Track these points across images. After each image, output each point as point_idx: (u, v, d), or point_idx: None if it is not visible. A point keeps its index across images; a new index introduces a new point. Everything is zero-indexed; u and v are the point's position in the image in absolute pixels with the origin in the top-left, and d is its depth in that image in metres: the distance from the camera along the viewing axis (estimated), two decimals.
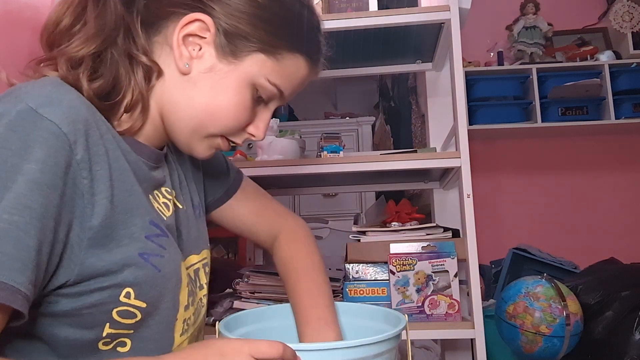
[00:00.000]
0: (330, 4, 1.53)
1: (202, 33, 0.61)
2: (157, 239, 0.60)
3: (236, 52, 0.62)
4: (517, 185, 2.76)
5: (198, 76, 0.62)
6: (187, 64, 0.61)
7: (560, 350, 1.47)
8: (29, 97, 0.50)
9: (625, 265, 1.88)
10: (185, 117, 0.63)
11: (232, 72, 0.62)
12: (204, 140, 0.66)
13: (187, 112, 0.63)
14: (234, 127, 0.65)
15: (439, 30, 1.44)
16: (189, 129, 0.64)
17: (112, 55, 0.60)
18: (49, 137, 0.49)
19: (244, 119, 0.65)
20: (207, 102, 0.62)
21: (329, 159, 1.35)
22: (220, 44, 0.61)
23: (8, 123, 0.48)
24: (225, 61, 0.62)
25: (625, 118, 2.47)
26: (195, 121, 0.63)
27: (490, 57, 2.71)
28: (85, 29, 0.59)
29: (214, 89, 0.62)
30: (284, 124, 2.98)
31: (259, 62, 0.62)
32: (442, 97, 1.71)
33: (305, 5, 0.66)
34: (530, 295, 1.51)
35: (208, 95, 0.62)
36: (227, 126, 0.64)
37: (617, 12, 2.63)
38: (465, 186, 1.27)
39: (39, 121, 0.49)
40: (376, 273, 1.32)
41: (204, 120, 0.63)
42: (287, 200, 3.05)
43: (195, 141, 0.65)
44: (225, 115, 0.63)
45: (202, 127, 0.64)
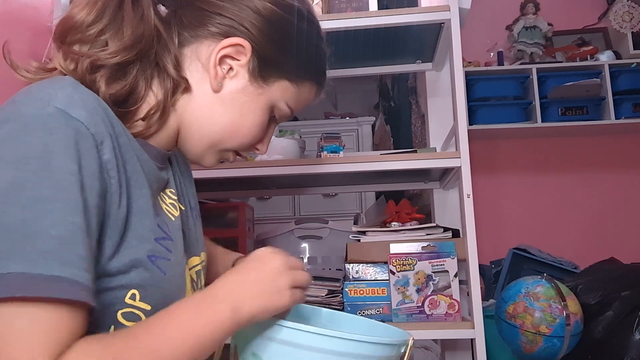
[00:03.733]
0: (330, 4, 1.53)
1: (238, 56, 0.64)
2: (164, 242, 0.61)
3: (267, 78, 0.65)
4: (517, 185, 2.76)
5: (228, 95, 0.65)
6: (220, 83, 0.64)
7: (560, 350, 1.47)
8: (56, 100, 0.50)
9: (625, 265, 1.88)
10: (208, 132, 0.66)
11: (261, 95, 0.66)
12: (217, 154, 0.69)
13: (210, 127, 0.65)
14: (249, 144, 0.69)
15: (439, 30, 1.44)
16: (208, 143, 0.67)
17: (138, 65, 0.61)
18: (81, 139, 0.50)
19: (260, 137, 0.69)
20: (233, 120, 0.65)
21: (329, 159, 1.35)
22: (253, 68, 0.64)
23: (42, 125, 0.49)
24: (256, 84, 0.65)
25: (625, 118, 2.47)
26: (216, 137, 0.66)
27: (490, 57, 2.70)
28: (122, 38, 0.59)
29: (242, 109, 0.65)
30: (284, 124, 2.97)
31: (283, 88, 0.67)
32: (442, 97, 1.71)
33: (322, 37, 0.71)
34: (530, 295, 1.51)
35: (236, 114, 0.65)
36: (244, 143, 0.68)
37: (617, 12, 2.63)
38: (465, 186, 1.27)
39: (70, 123, 0.50)
40: (376, 273, 1.32)
41: (225, 136, 0.66)
42: (287, 200, 3.05)
43: (209, 154, 0.68)
44: (247, 133, 0.67)
45: (221, 142, 0.67)
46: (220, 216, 1.94)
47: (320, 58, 0.71)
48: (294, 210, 3.09)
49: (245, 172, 1.37)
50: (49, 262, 0.45)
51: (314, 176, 1.44)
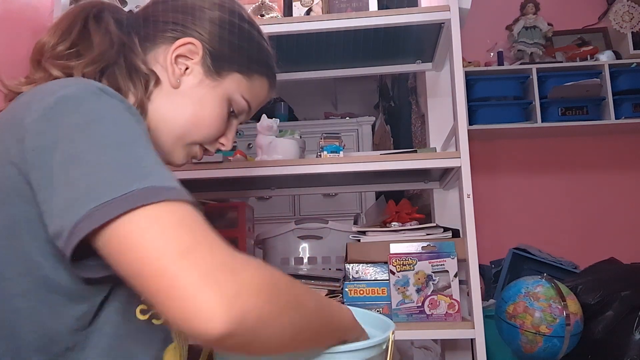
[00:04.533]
0: (330, 4, 1.53)
1: (192, 55, 0.72)
2: None
3: (220, 71, 0.73)
4: (517, 185, 2.76)
5: (187, 90, 0.72)
6: (178, 79, 0.71)
7: (560, 350, 1.47)
8: (91, 83, 0.57)
9: (625, 265, 1.88)
10: (173, 126, 0.72)
11: (217, 87, 0.73)
12: (185, 148, 0.75)
13: (174, 121, 0.72)
14: (212, 136, 0.75)
15: (439, 30, 1.44)
16: (174, 137, 0.72)
17: (115, 69, 0.68)
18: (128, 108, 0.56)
19: (221, 129, 0.75)
20: (194, 111, 0.72)
21: (329, 159, 1.35)
22: (207, 63, 0.72)
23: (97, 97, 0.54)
24: (211, 78, 0.73)
25: (625, 118, 2.47)
26: (181, 130, 0.72)
27: (490, 57, 2.70)
28: (92, 48, 0.67)
29: (201, 101, 0.72)
30: (284, 124, 2.98)
31: (236, 80, 0.75)
32: (442, 97, 1.71)
33: (264, 38, 0.80)
34: (530, 295, 1.51)
35: (196, 105, 0.72)
36: (207, 135, 0.74)
37: (617, 12, 2.63)
38: (465, 186, 1.27)
39: (114, 97, 0.56)
40: (376, 273, 1.32)
41: (190, 128, 0.72)
42: (287, 200, 3.05)
43: (177, 148, 0.74)
44: (208, 124, 0.73)
45: (186, 135, 0.73)
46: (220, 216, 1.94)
47: (265, 54, 0.79)
48: (294, 210, 3.09)
49: (245, 172, 1.37)
50: (156, 179, 0.49)
51: (314, 176, 1.44)
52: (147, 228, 0.46)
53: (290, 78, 1.77)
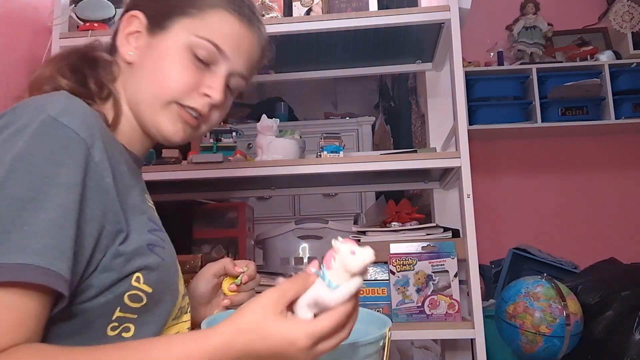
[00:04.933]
0: (330, 4, 1.53)
1: (138, 27, 0.72)
2: (157, 233, 0.67)
3: (162, 24, 0.71)
4: (517, 185, 2.75)
5: (142, 59, 0.71)
6: (130, 52, 0.71)
7: (560, 350, 1.47)
8: (49, 109, 0.57)
9: (625, 265, 1.88)
10: (144, 95, 0.71)
11: (164, 40, 0.70)
12: (165, 112, 0.70)
13: (144, 90, 0.70)
14: (183, 88, 0.70)
15: (439, 30, 1.44)
16: (149, 104, 0.70)
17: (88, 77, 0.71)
18: (69, 143, 0.55)
19: (189, 79, 0.70)
20: (154, 72, 0.70)
21: (329, 159, 1.35)
22: (150, 25, 0.71)
23: (33, 132, 0.54)
24: (157, 35, 0.71)
25: (625, 118, 2.47)
26: (151, 93, 0.70)
27: (490, 57, 2.70)
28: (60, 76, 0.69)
29: (156, 61, 0.70)
30: (284, 124, 2.98)
31: (184, 25, 0.70)
32: (442, 97, 1.71)
33: None
34: (530, 295, 1.51)
35: (153, 67, 0.70)
36: (175, 88, 0.69)
37: (617, 12, 2.63)
38: (465, 186, 1.27)
39: (59, 129, 0.55)
40: (376, 273, 1.32)
41: (157, 89, 0.70)
42: (287, 200, 3.05)
43: (159, 116, 0.70)
44: (171, 77, 0.69)
45: (157, 97, 0.70)
46: (220, 216, 1.94)
47: None
48: (294, 210, 3.09)
49: (245, 172, 1.37)
50: (17, 252, 0.50)
51: (314, 176, 1.44)
52: None
53: (290, 78, 1.77)
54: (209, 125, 0.75)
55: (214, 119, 0.75)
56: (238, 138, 1.48)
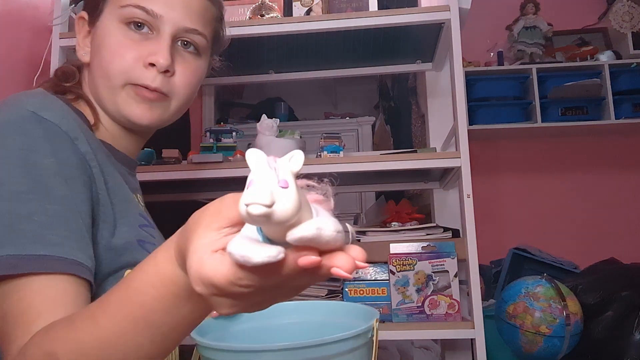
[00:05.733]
0: (330, 4, 1.53)
1: (87, 26, 0.72)
2: (147, 229, 0.67)
3: (96, 12, 0.70)
4: (517, 185, 2.76)
5: (92, 55, 0.71)
6: (84, 53, 0.72)
7: (561, 350, 1.47)
8: (28, 105, 0.56)
9: (625, 265, 1.88)
10: (100, 88, 0.69)
11: (100, 26, 0.69)
12: (122, 96, 0.68)
13: (99, 84, 0.69)
14: (125, 67, 0.67)
15: (439, 30, 1.44)
16: (106, 95, 0.69)
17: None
18: (53, 135, 0.55)
19: (128, 55, 0.67)
20: (100, 62, 0.68)
21: (329, 159, 1.35)
22: (90, 18, 0.71)
23: (17, 128, 0.54)
24: (96, 25, 0.70)
25: (625, 118, 2.47)
26: (103, 84, 0.68)
27: (490, 57, 2.70)
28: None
29: (99, 51, 0.69)
30: (284, 124, 2.97)
31: (111, 1, 0.69)
32: (442, 97, 1.71)
33: None
34: (530, 295, 1.51)
35: (98, 57, 0.69)
36: (119, 69, 0.67)
37: (617, 12, 2.63)
38: (465, 186, 1.27)
39: (42, 122, 0.55)
40: (376, 273, 1.32)
41: (105, 77, 0.67)
42: None
43: (118, 103, 0.68)
44: (112, 60, 0.67)
45: (109, 84, 0.67)
46: None
47: None
48: None
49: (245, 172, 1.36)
50: (34, 244, 0.49)
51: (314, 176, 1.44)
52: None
53: (290, 78, 1.77)
54: (179, 97, 0.70)
55: (179, 88, 0.70)
56: (238, 138, 1.48)
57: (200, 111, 2.94)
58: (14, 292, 0.48)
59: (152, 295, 0.41)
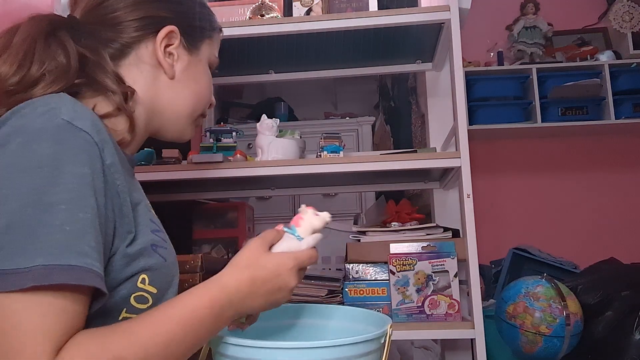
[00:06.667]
0: (330, 4, 1.53)
1: (171, 41, 0.74)
2: (159, 233, 0.68)
3: (196, 44, 0.78)
4: (517, 185, 2.76)
5: (181, 75, 0.76)
6: (173, 69, 0.74)
7: (561, 350, 1.47)
8: (62, 113, 0.56)
9: (625, 265, 1.88)
10: (182, 110, 0.77)
11: (200, 60, 0.79)
12: (194, 123, 0.80)
13: (182, 106, 0.77)
14: (207, 103, 0.81)
15: (439, 30, 1.44)
16: (185, 118, 0.78)
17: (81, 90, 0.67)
18: (87, 146, 0.56)
19: (210, 93, 0.82)
20: (195, 90, 0.78)
21: (329, 159, 1.35)
22: (185, 42, 0.76)
23: (52, 137, 0.54)
24: (194, 54, 0.77)
25: (625, 118, 2.47)
26: (190, 109, 0.78)
27: (490, 57, 2.70)
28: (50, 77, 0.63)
29: (195, 79, 0.78)
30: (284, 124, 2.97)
31: (207, 45, 0.80)
32: (442, 97, 1.71)
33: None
34: (530, 295, 1.51)
35: (193, 86, 0.77)
36: (207, 104, 0.81)
37: (617, 12, 2.63)
38: (465, 186, 1.27)
39: (76, 132, 0.56)
40: (376, 273, 1.32)
41: (196, 105, 0.78)
42: (287, 200, 3.05)
43: (188, 126, 0.79)
44: (207, 94, 0.80)
45: (194, 111, 0.79)
46: (220, 216, 1.94)
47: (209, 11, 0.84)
48: (294, 210, 3.08)
49: (245, 172, 1.36)
50: (64, 253, 0.50)
51: (314, 176, 1.44)
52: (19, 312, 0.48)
53: (290, 78, 1.77)
54: None
55: None
56: (238, 138, 1.48)
57: None
58: (36, 305, 0.49)
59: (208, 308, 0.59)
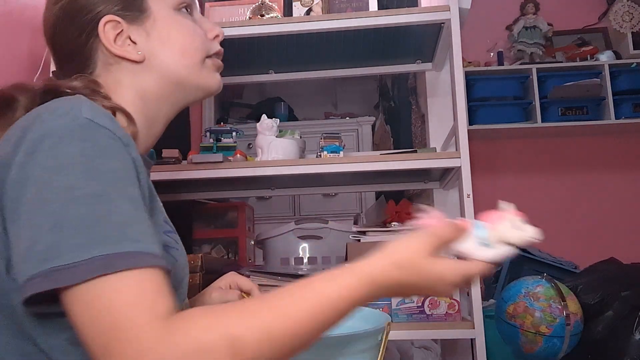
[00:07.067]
0: (330, 4, 1.53)
1: (118, 28, 0.68)
2: (170, 234, 0.68)
3: (140, 9, 0.70)
4: (517, 185, 2.75)
5: (150, 50, 0.70)
6: (139, 52, 0.69)
7: (561, 350, 1.47)
8: (82, 112, 0.55)
9: (625, 265, 1.88)
10: (178, 71, 0.71)
11: (154, 19, 0.70)
12: (204, 70, 0.73)
13: (174, 69, 0.71)
14: (202, 42, 0.73)
15: (439, 30, 1.44)
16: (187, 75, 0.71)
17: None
18: (113, 141, 0.55)
19: (198, 31, 0.73)
20: (173, 48, 0.70)
21: (329, 159, 1.35)
22: (129, 18, 0.69)
23: (77, 135, 0.53)
24: (143, 21, 0.70)
25: (625, 118, 2.47)
26: (184, 65, 0.71)
27: (490, 57, 2.70)
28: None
29: (166, 41, 0.70)
30: (284, 124, 2.97)
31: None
32: (442, 97, 1.71)
33: None
34: (530, 295, 1.51)
35: (167, 47, 0.70)
36: (197, 45, 0.72)
37: (617, 12, 2.63)
38: (465, 186, 1.27)
39: (100, 129, 0.55)
40: None
41: (187, 57, 0.71)
42: (287, 200, 3.05)
43: (202, 77, 0.73)
44: (188, 39, 0.71)
45: (191, 63, 0.71)
46: (220, 216, 1.94)
47: None
48: (294, 210, 3.09)
49: (245, 172, 1.37)
50: (119, 242, 0.49)
51: (314, 176, 1.44)
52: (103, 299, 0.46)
53: (290, 78, 1.77)
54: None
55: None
56: (238, 138, 1.48)
57: (200, 111, 2.94)
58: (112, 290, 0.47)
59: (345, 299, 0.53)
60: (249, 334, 0.47)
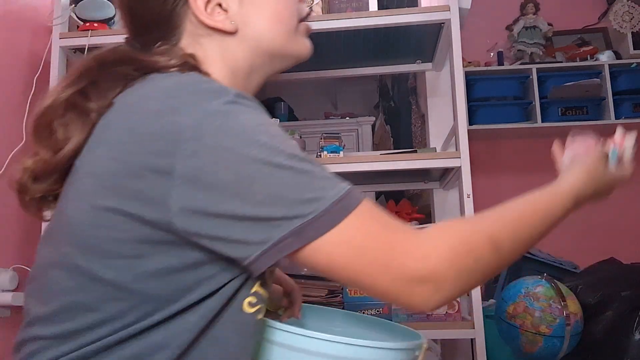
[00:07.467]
0: (330, 4, 1.53)
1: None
2: None
3: None
4: (517, 185, 2.73)
5: (243, 19, 0.64)
6: (232, 22, 0.63)
7: (561, 350, 1.47)
8: (228, 88, 0.55)
9: (625, 265, 1.88)
10: (273, 44, 0.67)
11: None
12: (297, 36, 0.69)
13: (269, 43, 0.66)
14: (295, 8, 0.68)
15: (439, 30, 1.44)
16: (284, 38, 0.67)
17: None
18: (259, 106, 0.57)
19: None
20: (269, 17, 0.65)
21: (329, 159, 1.35)
22: None
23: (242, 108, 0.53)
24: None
25: (625, 118, 2.47)
26: (281, 35, 0.67)
27: (490, 57, 2.70)
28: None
29: (260, 7, 0.65)
30: (284, 124, 2.98)
31: None
32: (442, 97, 1.71)
33: None
34: (530, 295, 1.51)
35: (262, 14, 0.65)
36: (293, 12, 0.68)
37: (617, 12, 2.63)
38: (465, 186, 1.27)
39: (253, 101, 0.56)
40: None
41: (283, 26, 0.66)
42: None
43: (298, 39, 0.70)
44: (284, 5, 0.67)
45: (286, 27, 0.67)
46: None
47: None
48: None
49: None
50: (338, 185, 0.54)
51: None
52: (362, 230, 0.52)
53: (290, 78, 1.77)
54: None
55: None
56: None
57: None
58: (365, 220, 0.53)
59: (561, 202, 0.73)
60: (502, 234, 0.58)
